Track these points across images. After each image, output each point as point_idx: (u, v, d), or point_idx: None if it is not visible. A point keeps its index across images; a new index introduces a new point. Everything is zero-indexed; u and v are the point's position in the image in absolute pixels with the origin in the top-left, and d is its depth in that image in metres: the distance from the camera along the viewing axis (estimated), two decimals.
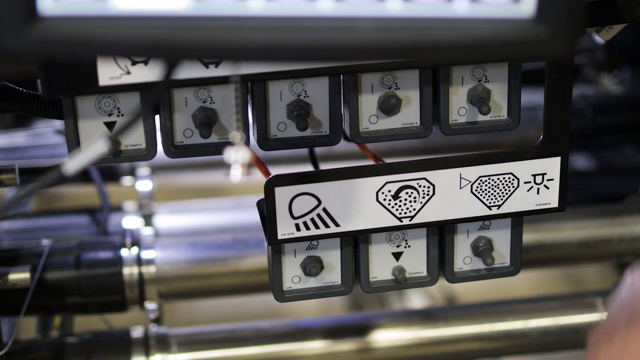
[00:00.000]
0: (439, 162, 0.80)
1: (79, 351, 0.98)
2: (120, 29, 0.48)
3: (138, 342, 0.99)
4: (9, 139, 1.29)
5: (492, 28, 0.49)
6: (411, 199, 0.80)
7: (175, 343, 1.00)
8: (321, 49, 0.48)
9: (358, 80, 0.77)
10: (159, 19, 0.48)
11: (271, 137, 0.77)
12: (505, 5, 0.49)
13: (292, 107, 0.76)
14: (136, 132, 0.75)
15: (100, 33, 0.48)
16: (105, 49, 0.49)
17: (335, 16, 0.49)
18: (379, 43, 0.49)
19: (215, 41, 0.48)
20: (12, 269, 0.92)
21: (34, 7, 0.48)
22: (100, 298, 1.01)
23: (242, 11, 0.48)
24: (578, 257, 1.13)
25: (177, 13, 0.48)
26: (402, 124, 0.79)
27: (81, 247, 1.02)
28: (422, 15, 0.49)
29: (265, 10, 0.48)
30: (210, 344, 1.02)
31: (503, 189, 0.82)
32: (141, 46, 0.48)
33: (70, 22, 0.48)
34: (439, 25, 0.49)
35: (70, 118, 0.73)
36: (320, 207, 0.79)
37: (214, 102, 0.75)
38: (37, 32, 0.48)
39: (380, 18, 0.49)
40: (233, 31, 0.48)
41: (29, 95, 0.77)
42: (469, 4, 0.49)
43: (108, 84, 0.71)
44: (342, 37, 0.48)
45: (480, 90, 0.78)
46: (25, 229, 1.21)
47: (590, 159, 1.39)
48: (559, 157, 0.82)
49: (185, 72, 0.72)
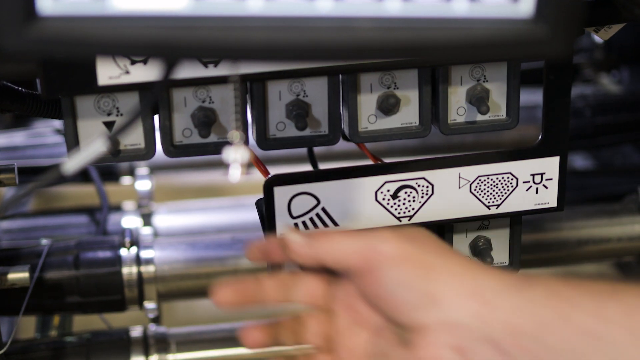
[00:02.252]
0: (437, 161, 0.80)
1: (78, 351, 0.98)
2: (120, 28, 0.48)
3: (137, 341, 0.99)
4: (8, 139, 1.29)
5: (490, 28, 0.49)
6: (410, 198, 0.80)
7: (174, 343, 1.00)
8: (320, 49, 0.49)
9: (357, 79, 0.77)
10: (158, 18, 0.48)
11: (270, 137, 0.77)
12: (503, 5, 0.49)
13: (291, 107, 0.76)
14: (135, 132, 0.75)
15: (99, 33, 0.48)
16: (105, 48, 0.49)
17: (334, 16, 0.49)
18: (378, 43, 0.49)
19: (214, 41, 0.48)
20: (11, 269, 0.92)
21: (32, 7, 0.48)
22: (99, 297, 1.01)
23: (241, 11, 0.48)
24: (576, 257, 1.13)
25: (176, 13, 0.48)
26: (401, 124, 0.79)
27: (80, 246, 1.02)
28: (421, 15, 0.49)
29: (264, 10, 0.48)
30: (210, 343, 1.02)
31: (502, 189, 0.82)
32: (140, 46, 0.48)
33: (69, 22, 0.48)
34: (438, 25, 0.49)
35: (69, 118, 0.73)
36: (319, 207, 0.79)
37: (213, 101, 0.75)
38: (36, 32, 0.48)
39: (379, 18, 0.49)
40: (232, 31, 0.48)
41: (28, 95, 0.77)
42: (468, 4, 0.49)
43: (107, 84, 0.71)
44: (341, 37, 0.48)
45: (479, 90, 0.78)
46: (24, 228, 1.21)
47: (589, 159, 1.40)
48: (558, 156, 0.82)
49: (184, 71, 0.72)
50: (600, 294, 0.58)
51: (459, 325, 0.59)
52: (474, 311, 0.59)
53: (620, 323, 0.56)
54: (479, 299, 0.59)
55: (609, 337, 0.56)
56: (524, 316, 0.58)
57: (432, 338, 0.60)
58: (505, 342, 0.58)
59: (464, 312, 0.59)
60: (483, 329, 0.59)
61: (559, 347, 0.57)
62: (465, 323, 0.59)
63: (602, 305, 0.57)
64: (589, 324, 0.56)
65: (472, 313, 0.59)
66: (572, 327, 0.57)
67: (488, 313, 0.59)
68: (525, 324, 0.58)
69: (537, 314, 0.58)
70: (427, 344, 0.60)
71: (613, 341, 0.56)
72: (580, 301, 0.58)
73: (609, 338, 0.56)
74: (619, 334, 0.56)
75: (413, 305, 0.61)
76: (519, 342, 0.58)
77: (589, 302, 0.58)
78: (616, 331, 0.56)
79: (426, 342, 0.60)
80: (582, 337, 0.56)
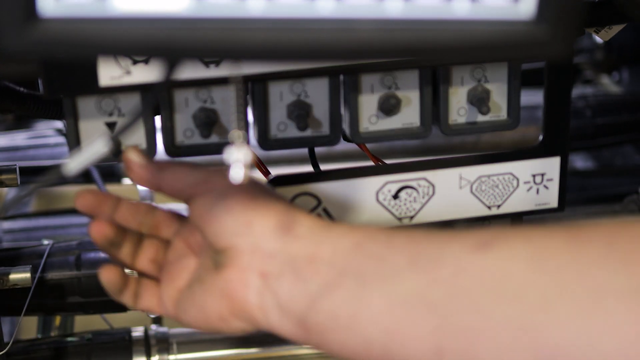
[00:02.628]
0: (438, 162, 0.80)
1: (79, 351, 0.98)
2: (121, 29, 0.48)
3: (138, 341, 0.99)
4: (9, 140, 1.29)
5: (491, 29, 0.49)
6: (411, 199, 0.81)
7: (175, 343, 1.00)
8: (321, 50, 0.49)
9: (358, 80, 0.77)
10: (159, 20, 0.48)
11: (271, 137, 0.77)
12: (504, 6, 0.50)
13: (292, 108, 0.76)
14: (137, 132, 0.75)
15: (100, 34, 0.48)
16: (106, 49, 0.49)
17: (335, 18, 0.49)
18: (379, 44, 0.49)
19: (215, 42, 0.48)
20: (12, 269, 0.92)
21: (34, 8, 0.48)
22: (101, 298, 1.00)
23: (242, 12, 0.48)
24: None
25: (177, 14, 0.48)
26: (402, 124, 0.79)
27: (82, 246, 1.02)
28: (422, 17, 0.49)
29: (265, 12, 0.48)
30: (211, 344, 1.02)
31: (502, 189, 0.82)
32: (141, 47, 0.49)
33: (70, 23, 0.48)
34: (439, 26, 0.49)
35: (70, 118, 0.74)
36: (321, 207, 0.79)
37: (214, 102, 0.75)
38: (37, 33, 0.48)
39: (380, 19, 0.49)
40: (233, 32, 0.48)
41: (29, 95, 0.77)
42: (469, 6, 0.49)
43: (109, 85, 0.71)
44: (342, 39, 0.48)
45: (480, 91, 0.78)
46: (26, 228, 1.21)
47: (590, 159, 1.39)
48: (559, 157, 0.82)
49: (186, 72, 0.72)
50: (394, 230, 0.65)
51: (266, 252, 0.65)
52: (281, 241, 0.65)
53: (402, 250, 0.62)
54: (289, 232, 0.65)
55: (391, 260, 0.62)
56: (324, 246, 0.64)
57: (242, 262, 0.66)
58: (304, 268, 0.64)
59: (273, 242, 0.65)
60: (286, 257, 0.65)
61: (349, 270, 0.63)
62: (271, 250, 0.65)
63: (392, 237, 0.63)
64: (377, 250, 0.63)
65: (280, 242, 0.65)
66: (362, 252, 0.63)
67: (293, 243, 0.65)
68: (323, 252, 0.64)
69: (336, 243, 0.64)
70: (236, 266, 0.66)
71: (393, 263, 0.62)
72: (375, 234, 0.64)
73: (391, 260, 0.62)
74: (400, 258, 0.61)
75: (232, 231, 0.66)
76: (315, 267, 0.64)
77: (382, 235, 0.64)
78: (398, 255, 0.62)
79: (236, 265, 0.66)
80: (369, 260, 0.63)
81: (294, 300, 0.65)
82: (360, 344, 0.63)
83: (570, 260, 0.57)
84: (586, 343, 0.55)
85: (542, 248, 0.59)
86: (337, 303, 0.63)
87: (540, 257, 0.58)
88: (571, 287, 0.56)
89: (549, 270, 0.57)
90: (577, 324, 0.55)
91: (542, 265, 0.58)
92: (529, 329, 0.56)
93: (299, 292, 0.64)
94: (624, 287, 0.54)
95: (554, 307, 0.56)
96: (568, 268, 0.57)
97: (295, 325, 0.65)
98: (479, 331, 0.58)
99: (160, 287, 0.73)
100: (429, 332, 0.60)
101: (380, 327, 0.62)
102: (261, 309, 0.66)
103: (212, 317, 0.69)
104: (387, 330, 0.61)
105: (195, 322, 0.70)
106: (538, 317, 0.56)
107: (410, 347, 0.61)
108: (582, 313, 0.55)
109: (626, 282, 0.55)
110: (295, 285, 0.65)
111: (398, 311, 0.61)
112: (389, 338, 0.61)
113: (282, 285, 0.65)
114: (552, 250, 0.58)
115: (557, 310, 0.56)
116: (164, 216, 0.73)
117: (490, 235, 0.61)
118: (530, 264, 0.58)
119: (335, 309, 0.63)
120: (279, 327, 0.66)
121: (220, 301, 0.68)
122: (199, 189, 0.69)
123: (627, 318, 0.54)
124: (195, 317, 0.70)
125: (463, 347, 0.59)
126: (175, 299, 0.71)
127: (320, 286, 0.64)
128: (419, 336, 0.60)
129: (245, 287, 0.66)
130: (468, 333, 0.58)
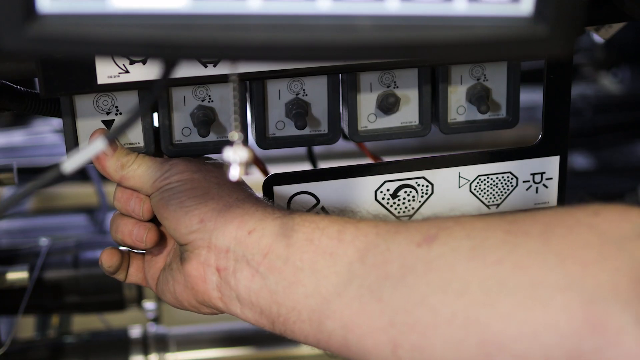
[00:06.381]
0: (437, 161, 0.80)
1: (77, 351, 0.98)
2: (119, 27, 0.48)
3: (136, 341, 0.99)
4: (7, 138, 1.29)
5: (490, 27, 0.49)
6: (410, 197, 0.80)
7: (173, 342, 1.00)
8: (320, 48, 0.48)
9: (357, 79, 0.76)
10: (157, 17, 0.48)
11: (270, 136, 0.77)
12: (504, 3, 0.49)
13: (291, 106, 0.76)
14: (134, 131, 0.75)
15: (98, 31, 0.48)
16: (104, 47, 0.49)
17: (333, 14, 0.48)
18: (378, 42, 0.49)
19: (213, 40, 0.48)
20: (10, 268, 0.92)
21: (32, 5, 0.47)
22: (99, 297, 1.01)
23: (240, 9, 0.48)
24: None
25: (176, 11, 0.48)
26: (401, 123, 0.79)
27: (79, 246, 1.02)
28: (421, 14, 0.49)
29: (263, 9, 0.48)
30: (209, 343, 1.02)
31: (502, 188, 0.82)
32: (139, 45, 0.48)
33: (68, 20, 0.48)
34: (438, 23, 0.49)
35: (68, 117, 0.73)
36: (319, 206, 0.79)
37: (212, 100, 0.75)
38: (35, 30, 0.47)
39: (379, 16, 0.49)
40: (231, 30, 0.48)
41: (27, 93, 0.77)
42: (468, 2, 0.49)
43: (106, 83, 0.71)
44: (341, 36, 0.48)
45: (479, 89, 0.78)
46: (24, 228, 1.21)
47: (589, 158, 1.39)
48: (558, 156, 0.82)
49: (184, 70, 0.72)
50: (345, 222, 0.67)
51: (222, 249, 0.68)
52: (236, 236, 0.68)
53: (351, 243, 0.64)
54: (243, 226, 0.68)
55: (342, 255, 0.64)
56: (278, 240, 0.66)
57: (200, 257, 0.69)
58: (259, 263, 0.66)
59: (228, 237, 0.68)
60: (241, 252, 0.67)
61: (303, 264, 0.65)
62: (226, 246, 0.68)
63: (343, 231, 0.65)
64: (328, 244, 0.65)
65: (235, 238, 0.68)
66: (315, 247, 0.65)
67: (247, 238, 0.67)
68: (277, 247, 0.66)
69: (290, 237, 0.66)
70: (195, 261, 0.69)
71: (343, 256, 0.64)
72: (327, 227, 0.66)
73: (342, 255, 0.64)
74: (349, 251, 0.64)
75: (188, 228, 0.69)
76: (270, 262, 0.66)
77: (333, 228, 0.66)
78: (348, 248, 0.64)
79: (195, 260, 0.69)
80: (321, 255, 0.65)
81: (253, 294, 0.67)
82: (322, 337, 0.65)
83: (508, 254, 0.59)
84: (528, 336, 0.56)
85: (483, 239, 0.60)
86: (297, 298, 0.65)
87: (481, 249, 0.60)
88: (510, 281, 0.58)
89: (489, 263, 0.59)
90: (518, 317, 0.57)
91: (483, 258, 0.59)
92: (475, 323, 0.58)
93: (257, 287, 0.67)
94: (558, 282, 0.56)
95: (496, 301, 0.57)
96: (506, 261, 0.58)
97: (258, 316, 0.68)
98: (430, 326, 0.59)
99: (144, 264, 0.77)
100: (383, 327, 0.61)
101: (338, 322, 0.64)
102: (222, 301, 0.69)
103: (184, 303, 0.73)
104: (345, 325, 0.63)
105: (172, 304, 0.74)
106: (482, 312, 0.58)
107: (366, 341, 0.62)
108: (522, 307, 0.57)
109: (560, 278, 0.56)
110: (252, 281, 0.67)
111: (354, 306, 0.63)
112: (346, 332, 0.63)
113: (239, 280, 0.68)
114: (492, 242, 0.60)
115: (499, 304, 0.57)
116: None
117: (435, 228, 0.62)
118: (471, 256, 0.60)
119: (295, 304, 0.65)
120: (244, 317, 0.69)
121: (187, 292, 0.71)
122: (156, 186, 0.72)
123: (563, 313, 0.55)
124: (170, 301, 0.74)
125: (416, 342, 0.60)
126: (155, 279, 0.75)
127: (277, 281, 0.66)
128: (374, 331, 0.62)
129: (205, 282, 0.70)
130: (419, 328, 0.60)
